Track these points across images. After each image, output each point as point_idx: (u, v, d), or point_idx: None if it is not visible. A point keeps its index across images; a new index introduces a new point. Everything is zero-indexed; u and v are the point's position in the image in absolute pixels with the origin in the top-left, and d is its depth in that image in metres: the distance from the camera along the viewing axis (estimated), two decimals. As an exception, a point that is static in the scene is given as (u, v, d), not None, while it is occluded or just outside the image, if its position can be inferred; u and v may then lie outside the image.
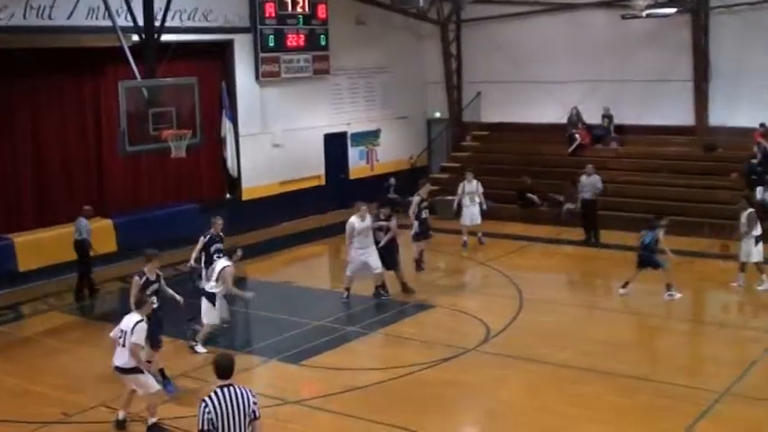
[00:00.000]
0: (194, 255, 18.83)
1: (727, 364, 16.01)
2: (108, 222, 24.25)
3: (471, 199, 25.44)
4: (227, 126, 27.52)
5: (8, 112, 22.95)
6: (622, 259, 23.76)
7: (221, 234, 18.98)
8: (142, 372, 13.51)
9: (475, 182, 25.77)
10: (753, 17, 28.02)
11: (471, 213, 25.47)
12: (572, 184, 28.14)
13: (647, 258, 19.87)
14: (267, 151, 28.86)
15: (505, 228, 27.57)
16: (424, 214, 22.42)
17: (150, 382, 13.67)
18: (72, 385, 15.68)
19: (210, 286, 17.03)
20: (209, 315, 17.08)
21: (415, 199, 22.48)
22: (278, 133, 29.11)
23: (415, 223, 22.28)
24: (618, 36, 30.21)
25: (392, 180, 31.48)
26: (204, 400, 9.08)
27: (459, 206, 25.72)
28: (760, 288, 20.27)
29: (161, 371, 15.40)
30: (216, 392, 9.08)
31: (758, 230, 20.25)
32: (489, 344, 17.23)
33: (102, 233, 23.62)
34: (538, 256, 25.24)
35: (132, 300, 14.98)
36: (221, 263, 17.20)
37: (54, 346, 18.25)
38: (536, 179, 29.44)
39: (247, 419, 9.09)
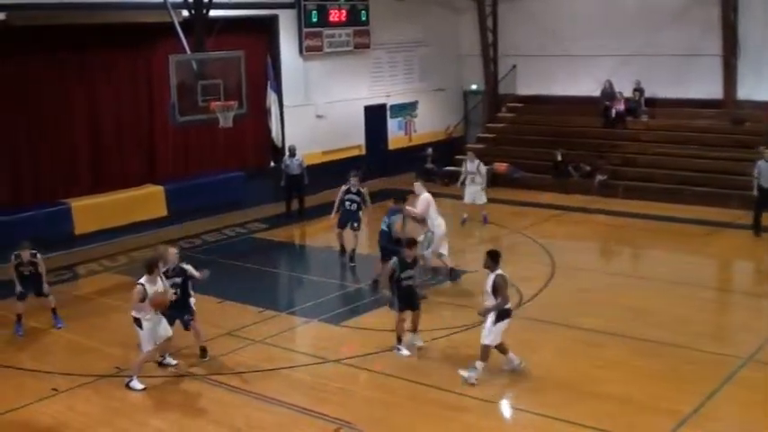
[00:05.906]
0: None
1: (752, 332, 16.21)
2: (159, 189, 25.10)
3: (472, 179, 25.11)
4: (271, 98, 28.04)
5: (66, 86, 23.66)
6: (653, 228, 24.44)
7: None
8: None
9: (477, 161, 25.38)
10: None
11: (471, 193, 25.17)
12: (599, 157, 28.93)
13: None
14: (310, 122, 29.41)
15: (538, 197, 28.14)
16: (348, 205, 22.21)
17: None
18: (124, 342, 16.04)
19: None
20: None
21: (342, 188, 22.30)
22: (320, 105, 29.71)
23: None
24: (649, 11, 30.52)
25: (429, 150, 32.05)
26: None
27: (464, 185, 25.37)
28: None
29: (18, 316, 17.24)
30: None
31: None
32: (521, 309, 17.44)
33: (152, 199, 24.68)
34: (570, 225, 25.49)
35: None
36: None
37: (108, 305, 18.84)
38: (569, 150, 29.97)
39: None
